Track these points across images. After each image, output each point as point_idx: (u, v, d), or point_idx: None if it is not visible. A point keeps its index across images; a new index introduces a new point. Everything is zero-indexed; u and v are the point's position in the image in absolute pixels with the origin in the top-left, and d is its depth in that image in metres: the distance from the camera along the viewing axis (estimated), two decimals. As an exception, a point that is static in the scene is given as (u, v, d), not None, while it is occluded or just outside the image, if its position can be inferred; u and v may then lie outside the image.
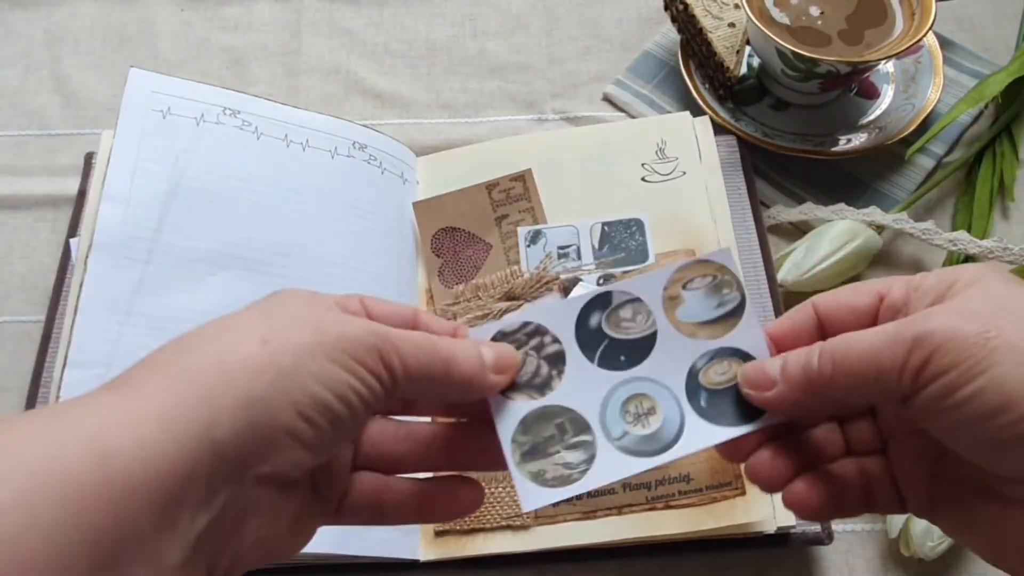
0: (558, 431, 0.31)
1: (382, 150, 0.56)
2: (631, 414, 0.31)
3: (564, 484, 0.30)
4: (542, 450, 0.31)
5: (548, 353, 0.33)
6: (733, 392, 0.31)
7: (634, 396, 0.32)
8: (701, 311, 0.32)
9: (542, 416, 0.32)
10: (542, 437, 0.31)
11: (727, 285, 0.33)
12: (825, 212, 0.56)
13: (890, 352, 0.26)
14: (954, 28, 0.66)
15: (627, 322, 0.33)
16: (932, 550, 0.45)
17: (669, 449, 0.31)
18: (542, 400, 0.32)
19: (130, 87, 0.51)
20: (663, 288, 0.33)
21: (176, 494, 0.23)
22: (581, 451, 0.31)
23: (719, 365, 0.32)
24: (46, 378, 0.51)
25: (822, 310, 0.31)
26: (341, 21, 0.69)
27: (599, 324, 0.33)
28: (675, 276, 0.33)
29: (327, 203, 0.53)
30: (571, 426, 0.31)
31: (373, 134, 0.57)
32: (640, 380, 0.32)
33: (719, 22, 0.61)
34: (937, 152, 0.60)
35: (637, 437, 0.31)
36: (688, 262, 0.33)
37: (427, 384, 0.29)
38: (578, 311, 0.33)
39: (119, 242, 0.47)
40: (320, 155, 0.54)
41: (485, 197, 0.56)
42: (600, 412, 0.32)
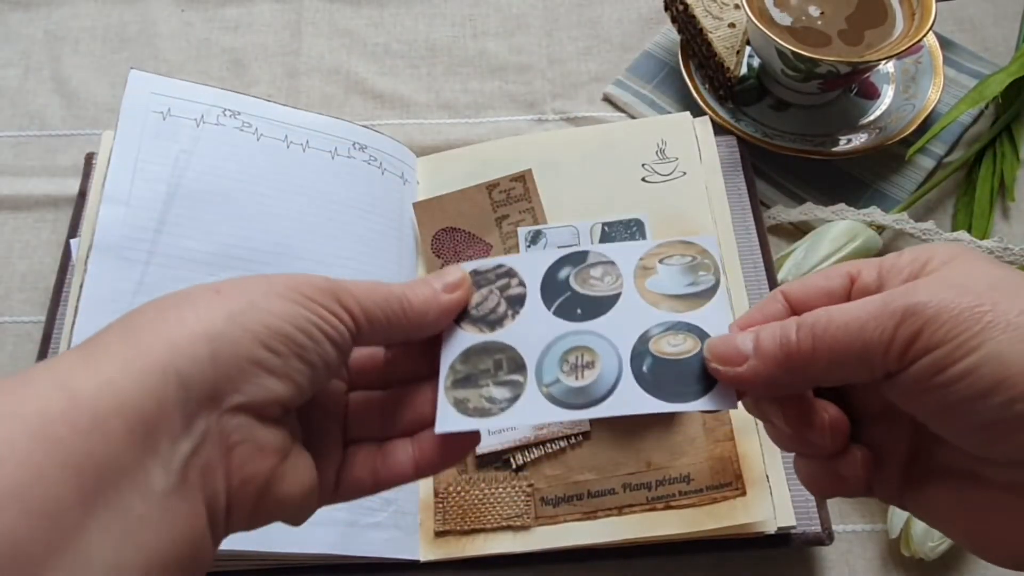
0: (494, 366, 0.31)
1: (382, 150, 0.56)
2: (569, 364, 0.31)
3: (481, 416, 0.30)
4: (473, 381, 0.31)
5: (511, 294, 0.33)
6: (679, 367, 0.30)
7: (577, 348, 0.31)
8: (672, 285, 0.32)
9: (484, 350, 0.32)
10: (478, 369, 0.32)
11: (705, 268, 0.32)
12: (825, 212, 0.56)
13: (876, 324, 0.25)
14: (954, 28, 0.66)
15: (595, 280, 0.33)
16: (933, 550, 0.45)
17: (593, 407, 0.30)
18: (489, 335, 0.32)
19: (130, 88, 0.51)
20: (639, 257, 0.33)
21: (150, 424, 0.23)
22: (508, 389, 0.31)
23: (674, 336, 0.31)
24: (46, 379, 0.51)
25: (793, 297, 0.29)
26: (341, 21, 0.69)
27: (567, 277, 0.33)
28: (655, 249, 0.33)
29: (327, 204, 0.53)
30: (507, 364, 0.31)
31: (373, 134, 0.57)
32: (589, 334, 0.32)
33: (719, 22, 0.61)
34: (937, 152, 0.60)
35: (566, 387, 0.30)
36: (671, 240, 0.33)
37: (387, 323, 0.30)
38: (551, 263, 0.34)
39: (119, 243, 0.47)
40: (320, 156, 0.54)
41: (485, 197, 0.56)
42: (539, 356, 0.31)
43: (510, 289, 0.33)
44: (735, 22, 0.61)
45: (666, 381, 0.30)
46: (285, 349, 0.27)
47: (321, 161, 0.54)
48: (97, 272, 0.46)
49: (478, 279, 0.34)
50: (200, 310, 0.26)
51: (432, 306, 0.31)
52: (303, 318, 0.27)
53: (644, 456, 0.47)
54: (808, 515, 0.46)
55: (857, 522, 0.49)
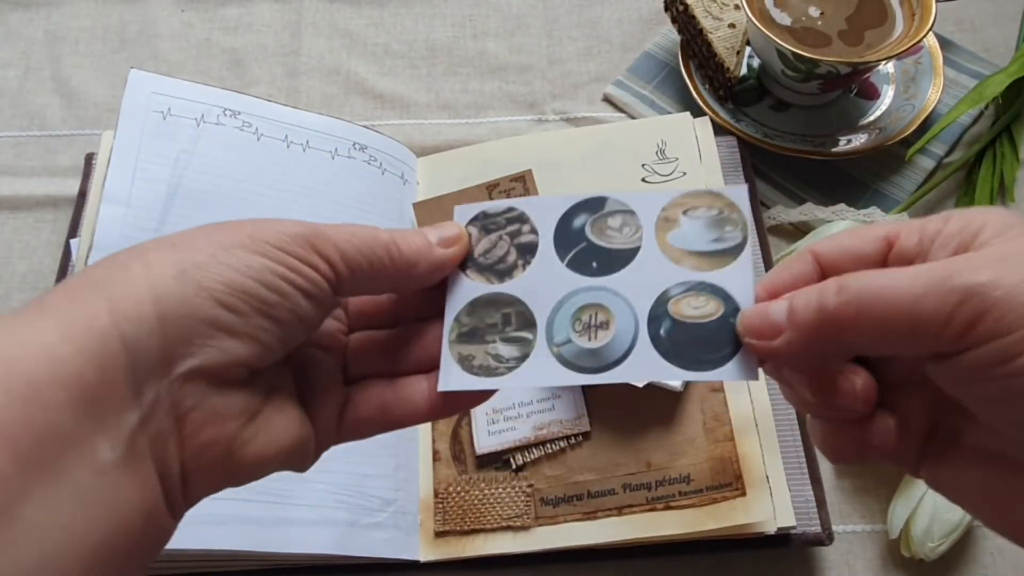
0: (502, 321, 0.30)
1: (382, 151, 0.56)
2: (581, 323, 0.29)
3: (487, 375, 0.29)
4: (479, 335, 0.30)
5: (521, 242, 0.31)
6: (700, 332, 0.28)
7: (591, 305, 0.29)
8: (695, 240, 0.30)
9: (492, 302, 0.30)
10: (484, 323, 0.30)
11: (732, 223, 0.30)
12: (825, 213, 0.56)
13: (934, 300, 0.22)
14: (954, 29, 0.66)
15: (612, 231, 0.31)
16: (932, 551, 0.45)
17: (606, 371, 0.28)
18: (498, 286, 0.31)
19: (130, 88, 0.51)
20: (662, 208, 0.31)
21: (93, 393, 0.22)
22: (516, 347, 0.29)
23: (695, 299, 0.28)
24: (46, 379, 0.51)
25: (825, 259, 0.27)
26: (341, 22, 0.69)
27: (583, 226, 0.31)
28: (679, 200, 0.31)
29: (327, 204, 0.53)
30: (516, 319, 0.30)
31: (373, 135, 0.57)
32: (604, 291, 0.30)
33: (719, 23, 0.61)
34: (937, 153, 0.60)
35: (578, 348, 0.29)
36: (697, 190, 0.31)
37: (371, 271, 0.28)
38: (566, 209, 0.31)
39: (119, 243, 0.47)
40: (320, 156, 0.54)
41: (485, 197, 0.56)
42: (551, 313, 0.30)
43: (521, 236, 0.31)
44: (735, 22, 0.61)
45: (685, 347, 0.28)
46: (246, 306, 0.25)
47: (321, 161, 0.54)
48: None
49: (487, 223, 0.32)
50: (151, 266, 0.24)
51: (424, 257, 0.29)
52: (268, 270, 0.26)
53: (644, 456, 0.47)
54: (808, 515, 0.46)
55: (857, 522, 0.49)
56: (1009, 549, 0.47)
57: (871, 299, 0.23)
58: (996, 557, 0.47)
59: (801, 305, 0.25)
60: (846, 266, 0.26)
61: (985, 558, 0.47)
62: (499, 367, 0.29)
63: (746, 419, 0.47)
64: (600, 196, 0.31)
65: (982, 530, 0.48)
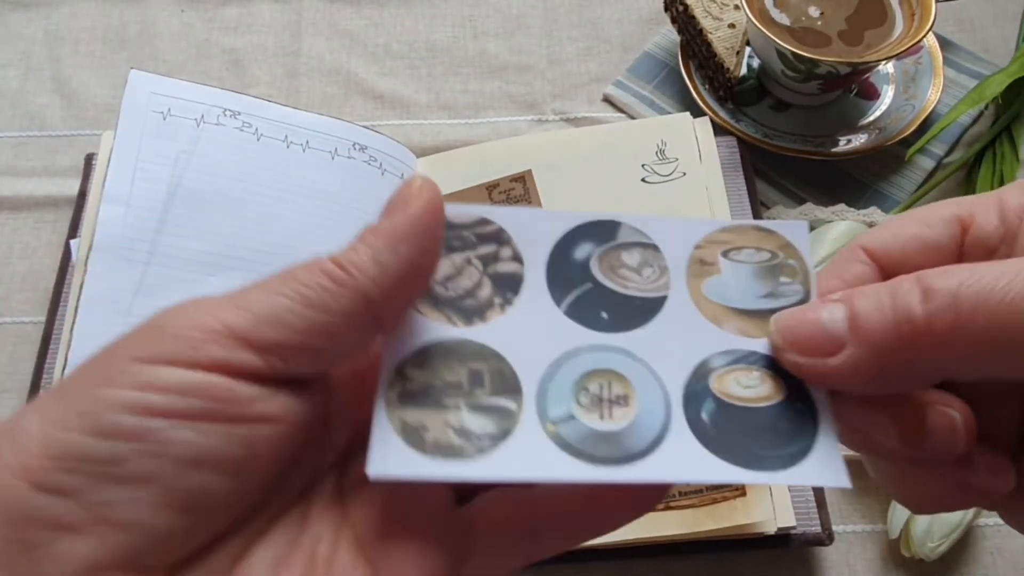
0: (470, 381, 0.22)
1: (382, 151, 0.56)
2: (589, 395, 0.22)
3: (446, 456, 0.20)
4: (435, 397, 0.21)
5: (499, 271, 0.23)
6: (755, 419, 0.21)
7: (602, 371, 0.22)
8: (741, 294, 0.23)
9: (455, 352, 0.22)
10: (443, 380, 0.21)
11: (788, 272, 0.23)
12: (825, 213, 0.56)
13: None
14: (954, 29, 0.66)
15: (629, 270, 0.23)
16: (933, 551, 0.45)
17: (629, 464, 0.21)
18: (463, 330, 0.22)
19: (130, 88, 0.51)
20: (695, 245, 0.24)
21: None
22: (492, 419, 0.21)
23: (746, 375, 0.22)
24: (46, 380, 0.51)
25: (882, 255, 0.21)
26: (341, 22, 0.69)
27: (587, 259, 0.23)
28: (717, 235, 0.24)
29: (327, 204, 0.53)
30: (492, 380, 0.22)
31: (373, 135, 0.57)
32: (620, 353, 0.22)
33: (719, 23, 0.61)
34: (937, 153, 0.60)
35: (586, 430, 0.21)
36: (742, 224, 0.24)
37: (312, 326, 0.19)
38: (564, 232, 0.24)
39: (119, 243, 0.47)
40: (320, 156, 0.54)
41: (485, 198, 0.56)
42: (543, 375, 0.22)
43: (499, 263, 0.23)
44: (735, 23, 0.61)
45: (737, 438, 0.21)
46: (73, 479, 0.17)
47: (321, 161, 0.54)
48: (97, 272, 0.46)
49: (450, 237, 0.23)
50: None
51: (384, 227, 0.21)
52: (108, 406, 0.17)
53: (644, 456, 0.47)
54: (808, 515, 0.46)
55: (857, 522, 0.49)
56: (1009, 549, 0.47)
57: (974, 306, 0.18)
58: (996, 557, 0.47)
59: (871, 312, 0.19)
60: (913, 261, 0.21)
61: (985, 558, 0.47)
62: (464, 446, 0.21)
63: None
64: (611, 219, 0.24)
65: (982, 530, 0.48)
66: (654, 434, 0.21)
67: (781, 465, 0.21)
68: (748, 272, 0.23)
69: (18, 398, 0.52)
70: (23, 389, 0.52)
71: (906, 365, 0.19)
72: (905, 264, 0.21)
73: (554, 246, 0.24)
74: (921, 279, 0.19)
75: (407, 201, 0.21)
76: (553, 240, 0.24)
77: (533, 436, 0.21)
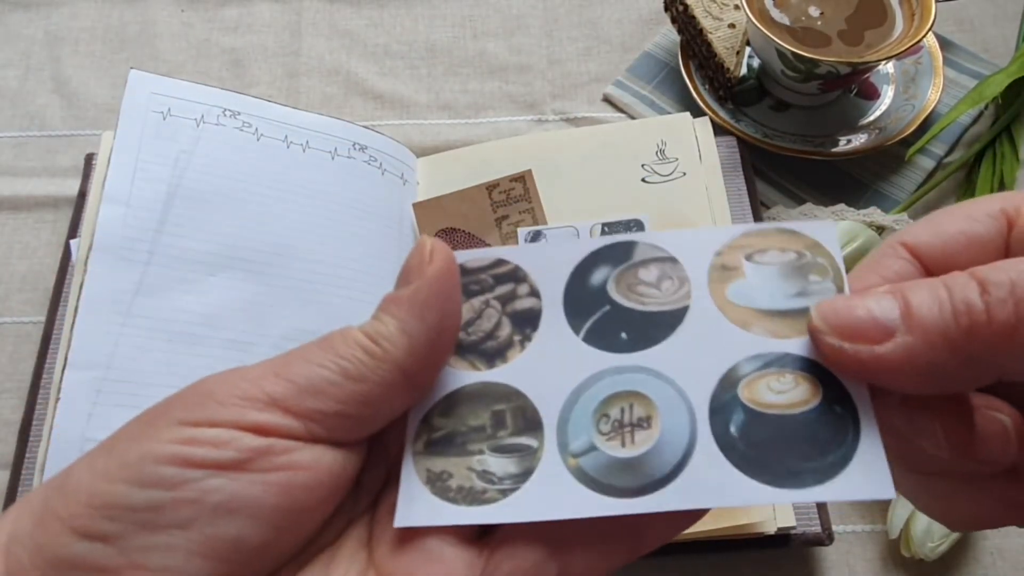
0: (493, 423, 0.22)
1: (382, 151, 0.56)
2: (609, 420, 0.21)
3: (469, 503, 0.21)
4: (460, 444, 0.21)
5: (518, 309, 0.23)
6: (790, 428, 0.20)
7: (623, 394, 0.21)
8: (768, 295, 0.22)
9: (479, 396, 0.22)
10: (467, 426, 0.22)
11: (818, 270, 0.22)
12: (825, 213, 0.56)
13: None
14: (954, 29, 0.66)
15: (647, 286, 0.23)
16: (933, 551, 0.45)
17: (650, 493, 0.20)
18: (486, 374, 0.22)
19: (130, 88, 0.51)
20: (715, 251, 0.23)
21: None
22: (514, 460, 0.21)
23: (778, 379, 0.20)
24: (46, 380, 0.51)
25: (925, 251, 0.20)
26: (341, 22, 0.69)
27: (604, 283, 0.23)
28: (739, 240, 0.23)
29: (327, 204, 0.53)
30: (514, 419, 0.22)
31: (373, 135, 0.57)
32: (640, 372, 0.21)
33: (719, 23, 0.61)
34: (937, 153, 0.60)
35: (607, 459, 0.21)
36: (763, 226, 0.23)
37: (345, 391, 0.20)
38: (579, 260, 0.23)
39: (119, 243, 0.47)
40: (320, 156, 0.54)
41: (485, 198, 0.56)
42: (563, 407, 0.21)
43: (516, 301, 0.23)
44: (735, 23, 0.61)
45: (769, 451, 0.20)
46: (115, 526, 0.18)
47: (321, 161, 0.54)
48: (97, 272, 0.46)
49: (467, 283, 0.24)
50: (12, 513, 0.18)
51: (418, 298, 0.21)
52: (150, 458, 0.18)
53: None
54: (808, 515, 0.46)
55: (857, 523, 0.49)
56: (1009, 549, 0.47)
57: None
58: (996, 557, 0.47)
59: (926, 302, 0.18)
60: (960, 257, 0.20)
61: (985, 558, 0.47)
62: (488, 490, 0.21)
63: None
64: (627, 240, 0.23)
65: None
66: (677, 457, 0.20)
67: (819, 479, 0.19)
68: (775, 273, 0.22)
69: (18, 398, 0.52)
70: (23, 389, 0.52)
71: (964, 359, 0.18)
72: (949, 261, 0.20)
73: (570, 276, 0.23)
74: (975, 274, 0.18)
75: (422, 267, 0.21)
76: (569, 270, 0.23)
77: (554, 473, 0.21)
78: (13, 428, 0.50)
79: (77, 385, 0.44)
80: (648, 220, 0.53)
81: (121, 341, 0.46)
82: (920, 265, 0.21)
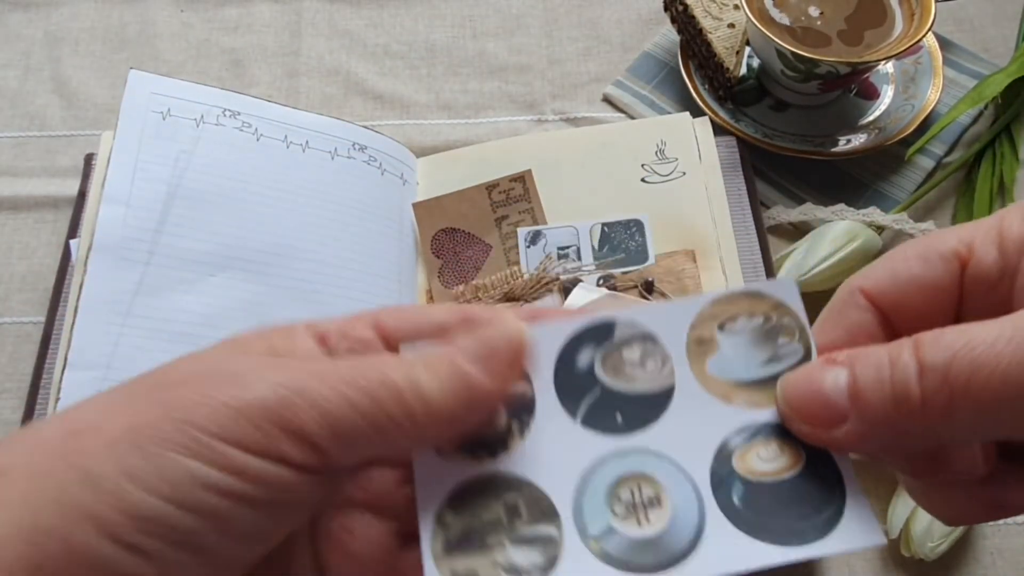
0: (507, 515, 0.22)
1: (382, 151, 0.56)
2: (623, 503, 0.22)
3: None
4: (478, 540, 0.22)
5: (512, 396, 0.24)
6: (784, 492, 0.21)
7: (631, 476, 0.22)
8: (743, 365, 0.23)
9: (487, 488, 0.22)
10: (482, 520, 0.22)
11: (785, 331, 0.23)
12: (825, 213, 0.56)
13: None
14: (954, 29, 0.66)
15: (633, 367, 0.24)
16: (932, 550, 0.45)
17: (676, 564, 0.21)
18: (490, 465, 0.23)
19: (130, 88, 0.51)
20: (689, 324, 0.24)
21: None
22: (537, 550, 0.21)
23: (765, 447, 0.22)
24: (46, 380, 0.51)
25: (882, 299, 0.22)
26: (341, 22, 0.69)
27: (591, 365, 0.24)
28: (709, 310, 0.24)
29: (327, 204, 0.53)
30: (528, 509, 0.22)
31: (373, 135, 0.57)
32: (643, 454, 0.23)
33: (719, 23, 0.61)
34: (937, 153, 0.60)
35: (628, 541, 0.21)
36: (730, 292, 0.24)
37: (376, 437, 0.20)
38: (563, 343, 0.24)
39: (119, 243, 0.47)
40: (320, 156, 0.54)
41: (485, 198, 0.56)
42: (576, 493, 0.22)
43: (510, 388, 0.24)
44: (735, 22, 0.61)
45: (771, 515, 0.21)
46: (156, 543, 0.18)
47: (321, 161, 0.54)
48: (97, 273, 0.46)
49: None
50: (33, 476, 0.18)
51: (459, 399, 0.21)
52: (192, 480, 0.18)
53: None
54: (808, 515, 0.46)
55: (857, 522, 0.49)
56: (1009, 549, 0.47)
57: (967, 380, 0.18)
58: (996, 557, 0.47)
59: (871, 383, 0.19)
60: (914, 303, 0.21)
61: (985, 558, 0.47)
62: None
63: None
64: (606, 320, 0.24)
65: (982, 529, 0.48)
66: (692, 531, 0.22)
67: (819, 535, 0.21)
68: (746, 341, 0.24)
69: (18, 398, 0.52)
70: (23, 389, 0.52)
71: (907, 439, 0.20)
72: (905, 306, 0.21)
73: (557, 359, 0.24)
74: (917, 345, 0.19)
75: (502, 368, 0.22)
76: (555, 353, 0.24)
77: (580, 559, 0.21)
78: (13, 428, 0.50)
79: (77, 385, 0.44)
80: (648, 220, 0.54)
81: (121, 341, 0.46)
82: (878, 313, 0.22)
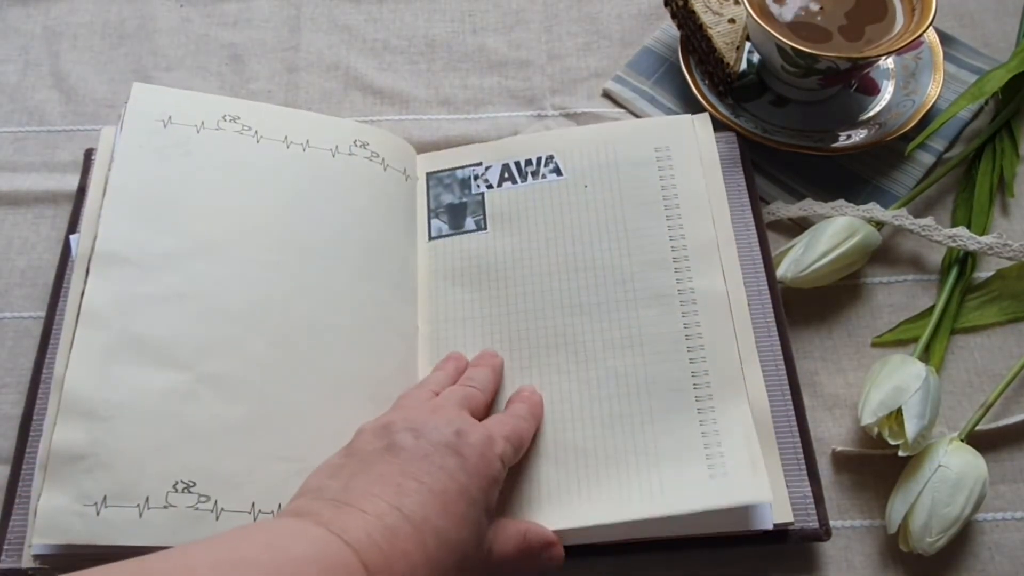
0: None
1: (384, 146, 0.56)
2: None
3: None
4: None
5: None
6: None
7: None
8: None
9: None
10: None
11: None
12: (825, 208, 0.56)
13: None
14: (954, 24, 0.66)
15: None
16: (931, 545, 0.45)
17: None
18: None
19: (132, 99, 0.52)
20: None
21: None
22: None
23: None
24: (46, 375, 0.51)
25: None
26: (340, 17, 0.69)
27: None
28: None
29: (329, 201, 0.53)
30: None
31: (374, 131, 0.57)
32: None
33: (719, 18, 0.61)
34: (937, 148, 0.60)
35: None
36: None
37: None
38: None
39: (122, 248, 0.48)
40: (321, 154, 0.54)
41: (484, 193, 0.56)
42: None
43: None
44: (735, 18, 0.61)
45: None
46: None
47: (322, 159, 0.54)
48: (99, 277, 0.47)
49: None
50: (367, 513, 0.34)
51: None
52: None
53: (643, 452, 0.47)
54: (806, 511, 0.46)
55: (855, 518, 0.49)
56: (1007, 544, 0.48)
57: None
58: (994, 552, 0.47)
59: None
60: None
61: (983, 553, 0.47)
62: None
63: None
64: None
65: (980, 525, 0.48)
66: None
67: None
68: None
69: (18, 393, 0.53)
70: (23, 384, 0.52)
71: None
72: None
73: None
74: None
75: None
76: None
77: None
78: (14, 423, 0.51)
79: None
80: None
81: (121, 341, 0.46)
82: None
